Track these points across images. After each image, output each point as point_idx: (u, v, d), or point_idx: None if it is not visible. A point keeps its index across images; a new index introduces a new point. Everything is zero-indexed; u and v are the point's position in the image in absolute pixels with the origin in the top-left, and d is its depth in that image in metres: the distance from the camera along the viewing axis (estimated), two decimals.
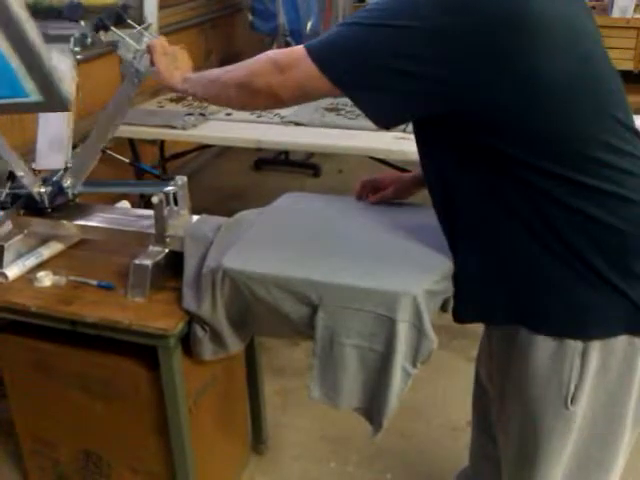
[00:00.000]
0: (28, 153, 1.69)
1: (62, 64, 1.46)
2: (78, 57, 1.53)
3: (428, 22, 0.98)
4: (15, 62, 1.20)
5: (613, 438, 1.18)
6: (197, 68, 1.37)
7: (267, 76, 1.13)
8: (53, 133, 1.62)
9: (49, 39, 1.48)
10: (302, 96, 1.16)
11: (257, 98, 1.17)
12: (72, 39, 1.49)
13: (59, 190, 1.63)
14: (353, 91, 1.09)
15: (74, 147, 1.66)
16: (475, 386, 1.49)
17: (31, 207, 1.64)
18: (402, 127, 2.62)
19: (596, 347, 1.09)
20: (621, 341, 1.09)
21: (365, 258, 1.37)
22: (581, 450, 1.19)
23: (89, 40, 1.49)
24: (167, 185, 1.55)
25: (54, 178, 1.63)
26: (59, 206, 1.65)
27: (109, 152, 1.75)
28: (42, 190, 1.61)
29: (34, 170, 1.65)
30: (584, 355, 1.10)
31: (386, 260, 1.36)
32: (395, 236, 1.44)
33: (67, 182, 1.63)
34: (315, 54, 1.08)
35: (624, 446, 1.20)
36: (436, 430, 2.15)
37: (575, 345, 1.10)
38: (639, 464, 1.53)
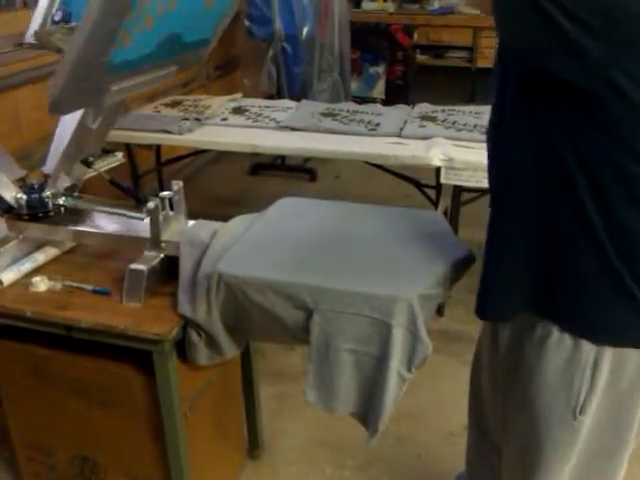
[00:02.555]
0: (26, 157, 1.69)
1: None
2: None
3: None
4: None
5: (618, 448, 1.17)
6: (195, 73, 1.36)
7: None
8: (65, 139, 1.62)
9: None
10: None
11: None
12: None
13: (38, 201, 1.63)
14: None
15: (86, 160, 1.65)
16: (471, 390, 1.48)
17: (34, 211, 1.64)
18: (397, 132, 2.63)
19: (608, 357, 1.07)
20: (633, 352, 1.08)
21: (360, 263, 1.38)
22: (585, 460, 1.18)
23: None
24: (141, 209, 1.51)
25: (36, 185, 1.64)
26: (49, 211, 1.65)
27: (114, 180, 1.73)
28: (19, 196, 1.62)
29: (45, 174, 1.66)
30: (595, 365, 1.08)
31: (381, 265, 1.36)
32: (390, 241, 1.44)
33: (47, 193, 1.62)
34: None
35: (627, 456, 1.19)
36: (432, 435, 2.15)
37: (588, 352, 1.07)
38: (637, 470, 1.53)
